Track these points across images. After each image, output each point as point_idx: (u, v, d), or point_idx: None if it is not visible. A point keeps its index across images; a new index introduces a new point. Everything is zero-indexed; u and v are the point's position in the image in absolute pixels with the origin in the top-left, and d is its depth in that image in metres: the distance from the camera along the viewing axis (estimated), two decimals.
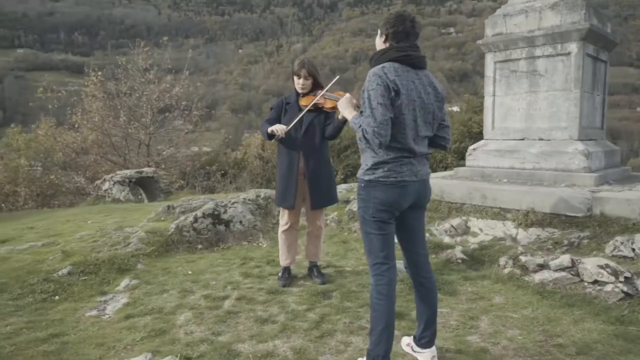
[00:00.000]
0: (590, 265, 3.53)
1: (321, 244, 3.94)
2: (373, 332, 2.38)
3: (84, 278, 3.93)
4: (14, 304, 3.52)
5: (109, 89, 13.29)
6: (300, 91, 3.64)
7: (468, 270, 4.04)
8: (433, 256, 4.34)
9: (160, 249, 4.50)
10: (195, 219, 4.76)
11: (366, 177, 2.39)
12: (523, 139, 5.47)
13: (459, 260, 4.15)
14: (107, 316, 3.33)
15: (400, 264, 3.44)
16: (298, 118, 3.49)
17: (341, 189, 6.48)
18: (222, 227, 4.88)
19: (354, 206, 5.38)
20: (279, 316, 3.19)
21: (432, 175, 6.22)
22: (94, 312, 3.39)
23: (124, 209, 6.94)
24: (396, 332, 2.64)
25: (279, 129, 3.42)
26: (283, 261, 3.87)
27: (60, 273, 3.94)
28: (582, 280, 3.55)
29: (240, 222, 5.00)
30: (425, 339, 2.58)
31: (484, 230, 4.72)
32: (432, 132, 2.49)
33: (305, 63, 3.62)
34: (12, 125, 15.21)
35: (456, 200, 5.16)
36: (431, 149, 2.59)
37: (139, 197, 10.20)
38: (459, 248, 4.27)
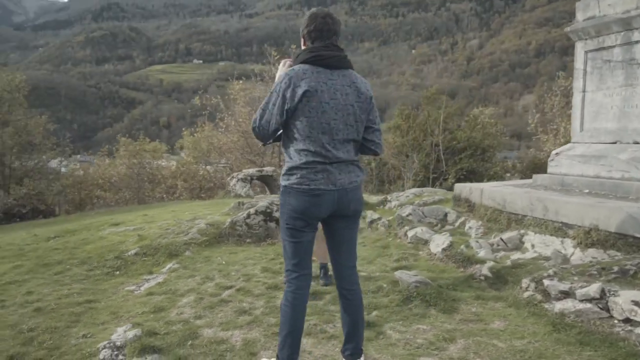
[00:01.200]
0: (623, 299, 2.89)
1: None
2: (279, 336, 2.43)
3: (144, 259, 4.71)
4: (85, 273, 4.45)
5: (253, 95, 14.83)
6: None
7: (488, 289, 3.63)
8: (461, 270, 4.01)
9: (212, 239, 5.08)
10: (248, 215, 5.22)
11: (283, 183, 2.38)
12: (615, 143, 4.56)
13: (482, 277, 3.74)
14: (138, 292, 3.98)
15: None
16: None
17: (409, 193, 6.24)
18: (272, 224, 5.24)
19: (404, 211, 5.20)
20: (258, 310, 3.40)
21: (499, 183, 5.63)
22: (132, 287, 4.09)
23: (222, 203, 7.85)
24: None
25: None
26: (321, 258, 4.05)
27: (129, 253, 4.80)
28: (611, 317, 2.93)
29: None
30: (347, 352, 2.51)
31: (537, 246, 4.13)
32: (357, 136, 2.37)
33: None
34: (183, 129, 18.23)
35: (517, 211, 4.60)
36: (358, 155, 2.48)
37: (265, 192, 11.27)
38: (488, 264, 3.84)
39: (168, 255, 4.73)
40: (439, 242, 4.39)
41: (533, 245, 4.16)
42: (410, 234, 4.75)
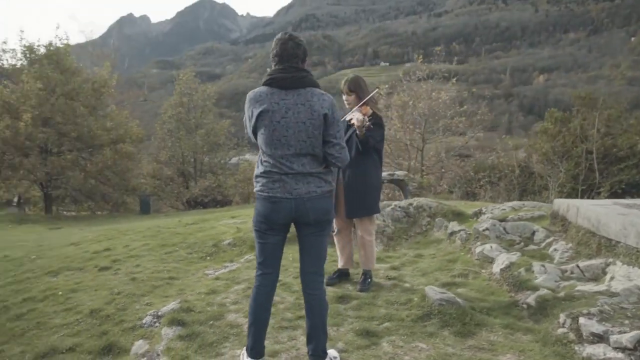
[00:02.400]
0: None
1: (370, 252, 4.00)
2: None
3: (232, 249, 5.41)
4: (185, 256, 5.34)
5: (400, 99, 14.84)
6: (346, 106, 3.90)
7: (525, 319, 3.22)
8: (510, 295, 3.61)
9: (293, 237, 5.48)
10: None
11: (254, 188, 2.71)
12: None
13: (524, 306, 3.32)
14: (211, 275, 4.64)
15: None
16: None
17: (507, 206, 5.63)
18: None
19: (482, 225, 4.80)
20: (283, 304, 3.67)
21: (607, 201, 4.72)
22: (210, 272, 4.78)
23: None
24: None
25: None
26: (339, 263, 4.20)
27: (224, 242, 5.56)
28: None
29: None
30: (309, 352, 2.64)
31: (617, 279, 3.45)
32: (312, 150, 2.51)
33: (348, 80, 3.85)
34: None
35: (610, 235, 3.87)
36: (320, 167, 2.58)
37: (398, 196, 11.31)
38: (539, 292, 3.38)
39: (250, 247, 5.32)
40: (499, 262, 4.00)
41: (612, 278, 3.48)
42: (478, 250, 4.40)
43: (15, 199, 20.34)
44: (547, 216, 5.07)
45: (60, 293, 4.25)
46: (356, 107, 3.73)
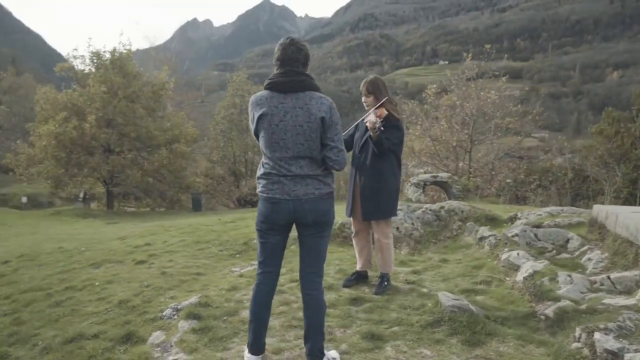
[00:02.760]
0: None
1: (387, 256, 3.95)
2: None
3: None
4: (216, 252, 5.53)
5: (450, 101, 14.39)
6: (365, 108, 3.89)
7: (541, 331, 3.07)
8: (530, 305, 3.46)
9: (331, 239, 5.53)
10: None
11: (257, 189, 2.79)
12: None
13: (542, 317, 3.17)
14: (235, 272, 4.78)
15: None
16: (345, 132, 3.81)
17: (544, 212, 5.33)
18: None
19: (511, 231, 4.60)
20: (297, 303, 3.73)
21: (638, 209, 4.39)
22: (236, 269, 4.92)
23: None
24: None
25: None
26: (357, 265, 4.19)
27: (254, 241, 5.69)
28: None
29: (397, 228, 5.30)
30: (306, 350, 2.68)
31: None
32: (310, 153, 2.55)
33: (366, 81, 3.84)
34: None
35: None
36: (318, 170, 2.61)
37: (443, 198, 11.05)
38: (560, 304, 3.21)
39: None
40: (523, 270, 3.83)
41: None
42: (504, 256, 4.22)
43: (82, 195, 21.85)
44: (585, 223, 4.79)
45: (97, 283, 4.55)
46: (372, 109, 3.72)
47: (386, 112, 3.70)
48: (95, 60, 19.10)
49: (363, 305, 3.67)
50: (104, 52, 19.28)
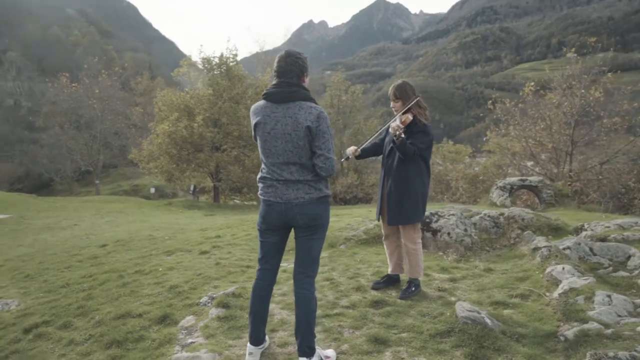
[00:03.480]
0: None
1: (414, 261, 3.88)
2: None
3: None
4: None
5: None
6: (394, 113, 3.88)
7: (556, 352, 2.84)
8: (558, 324, 3.20)
9: (370, 239, 5.57)
10: None
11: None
12: None
13: (562, 338, 2.92)
14: (281, 268, 5.03)
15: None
16: (370, 140, 3.84)
17: (614, 223, 4.73)
18: (429, 234, 5.25)
19: (564, 243, 4.20)
20: (319, 301, 3.86)
21: None
22: (284, 264, 5.16)
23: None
24: None
25: (349, 150, 3.90)
26: (389, 268, 4.19)
27: None
28: None
29: (448, 233, 5.14)
30: (297, 346, 2.83)
31: None
32: (299, 159, 2.69)
33: (394, 86, 3.82)
34: (487, 132, 17.82)
35: None
36: (309, 175, 2.72)
37: (534, 203, 10.27)
38: (584, 326, 2.94)
39: (329, 246, 5.58)
40: (561, 286, 3.54)
41: None
42: (548, 270, 3.91)
43: (192, 188, 24.06)
44: None
45: (160, 269, 5.12)
46: (398, 114, 3.71)
47: (411, 118, 3.67)
48: (206, 65, 20.91)
49: (383, 308, 3.69)
50: (213, 57, 21.02)
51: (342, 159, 4.03)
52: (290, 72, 2.72)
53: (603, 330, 2.88)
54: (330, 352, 2.93)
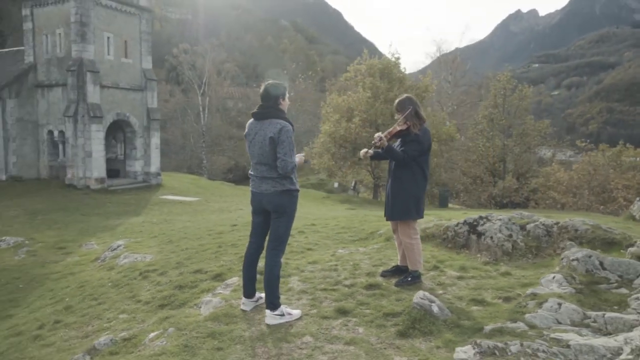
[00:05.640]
0: None
1: (411, 254, 4.30)
2: None
3: (354, 241, 6.42)
4: (346, 238, 6.72)
5: None
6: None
7: (467, 340, 3.14)
8: (498, 322, 3.40)
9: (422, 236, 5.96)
10: (457, 224, 5.65)
11: None
12: None
13: (484, 332, 3.19)
14: (337, 253, 5.90)
15: None
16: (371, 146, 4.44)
17: None
18: (474, 237, 5.41)
19: (575, 255, 4.04)
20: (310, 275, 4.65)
21: None
22: (341, 250, 6.03)
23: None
24: None
25: (361, 153, 4.52)
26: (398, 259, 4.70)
27: (379, 232, 6.61)
28: None
29: (491, 237, 5.24)
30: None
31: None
32: (268, 161, 3.62)
33: (396, 101, 4.36)
34: None
35: None
36: (275, 173, 3.61)
37: None
38: (504, 325, 3.15)
39: (385, 239, 6.18)
40: (530, 291, 3.65)
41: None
42: (544, 279, 3.92)
43: (353, 184, 25.78)
44: None
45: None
46: (396, 124, 4.25)
47: (398, 129, 4.18)
48: (369, 70, 22.26)
49: (372, 290, 4.28)
50: (378, 61, 22.23)
51: (368, 149, 4.44)
52: (269, 98, 3.67)
53: (528, 332, 3.07)
54: (296, 312, 3.77)
